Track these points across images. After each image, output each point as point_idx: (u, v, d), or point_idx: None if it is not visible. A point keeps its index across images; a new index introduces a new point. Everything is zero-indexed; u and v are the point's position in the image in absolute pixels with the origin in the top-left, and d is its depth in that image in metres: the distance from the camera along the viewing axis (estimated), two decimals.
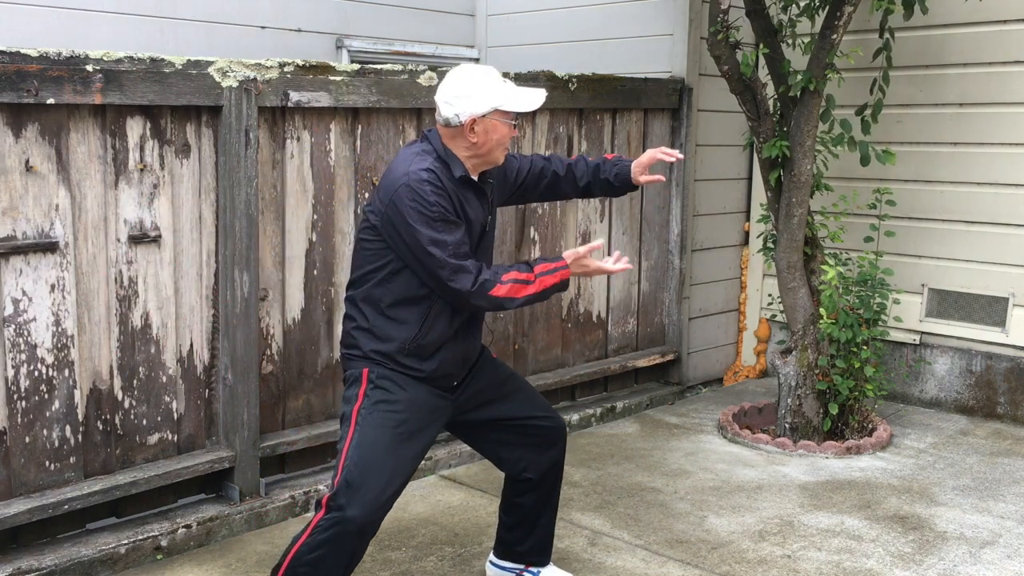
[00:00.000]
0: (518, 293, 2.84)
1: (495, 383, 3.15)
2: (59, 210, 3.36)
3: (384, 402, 2.88)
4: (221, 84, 3.64)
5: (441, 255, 2.75)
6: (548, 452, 3.20)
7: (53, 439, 3.45)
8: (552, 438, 3.20)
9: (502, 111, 2.85)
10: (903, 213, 5.35)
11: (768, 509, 4.09)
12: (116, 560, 3.49)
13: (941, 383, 5.46)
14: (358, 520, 2.73)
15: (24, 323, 3.33)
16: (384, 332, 2.90)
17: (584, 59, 5.83)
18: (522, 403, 3.18)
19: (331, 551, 2.76)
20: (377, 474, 2.77)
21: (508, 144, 2.94)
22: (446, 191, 2.81)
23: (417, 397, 2.91)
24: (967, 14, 5.12)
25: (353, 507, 2.73)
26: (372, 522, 2.78)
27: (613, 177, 3.29)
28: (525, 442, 3.17)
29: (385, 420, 2.85)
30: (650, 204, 5.54)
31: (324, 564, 2.78)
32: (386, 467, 2.79)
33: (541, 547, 3.33)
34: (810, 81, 4.55)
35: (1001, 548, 3.75)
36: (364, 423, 2.85)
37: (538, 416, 3.18)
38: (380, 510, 2.78)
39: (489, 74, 2.87)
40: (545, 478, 3.22)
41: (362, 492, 2.74)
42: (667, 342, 5.73)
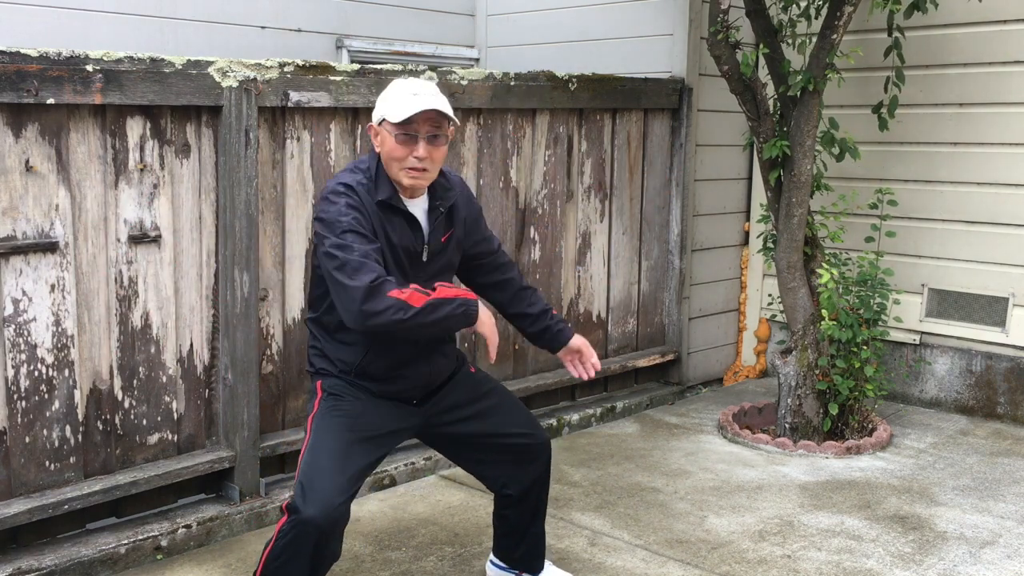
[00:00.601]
0: (417, 301, 2.62)
1: (471, 399, 3.06)
2: (59, 210, 3.36)
3: (335, 408, 2.89)
4: (221, 84, 3.64)
5: (342, 256, 2.63)
6: (528, 468, 3.14)
7: (53, 439, 3.45)
8: (531, 455, 3.13)
9: (390, 122, 2.76)
10: (903, 213, 5.35)
11: (768, 509, 4.09)
12: (116, 560, 3.49)
13: (941, 383, 5.46)
14: (314, 521, 2.69)
15: (24, 323, 3.33)
16: (334, 355, 2.93)
17: (584, 59, 5.83)
18: (499, 420, 3.09)
19: (294, 554, 2.74)
20: (329, 475, 2.75)
21: (408, 164, 2.75)
22: (363, 207, 2.74)
23: (370, 404, 2.91)
24: (967, 14, 5.12)
25: (309, 508, 2.69)
26: (330, 523, 2.71)
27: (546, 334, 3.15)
28: (503, 459, 3.12)
29: (336, 424, 2.86)
30: (650, 204, 5.54)
31: (290, 568, 2.75)
32: (339, 468, 2.77)
33: (533, 555, 3.31)
34: (810, 81, 4.55)
35: (1001, 548, 3.75)
36: (317, 429, 2.88)
37: (516, 433, 3.10)
38: (336, 510, 2.72)
39: (397, 85, 2.80)
40: (527, 494, 3.19)
41: (316, 493, 2.71)
42: (667, 342, 5.74)
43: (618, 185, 5.35)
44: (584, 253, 5.24)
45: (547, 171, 4.98)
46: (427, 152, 2.76)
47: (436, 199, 2.91)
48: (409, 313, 2.61)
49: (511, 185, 4.81)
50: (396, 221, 2.82)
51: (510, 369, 4.93)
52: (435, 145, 2.78)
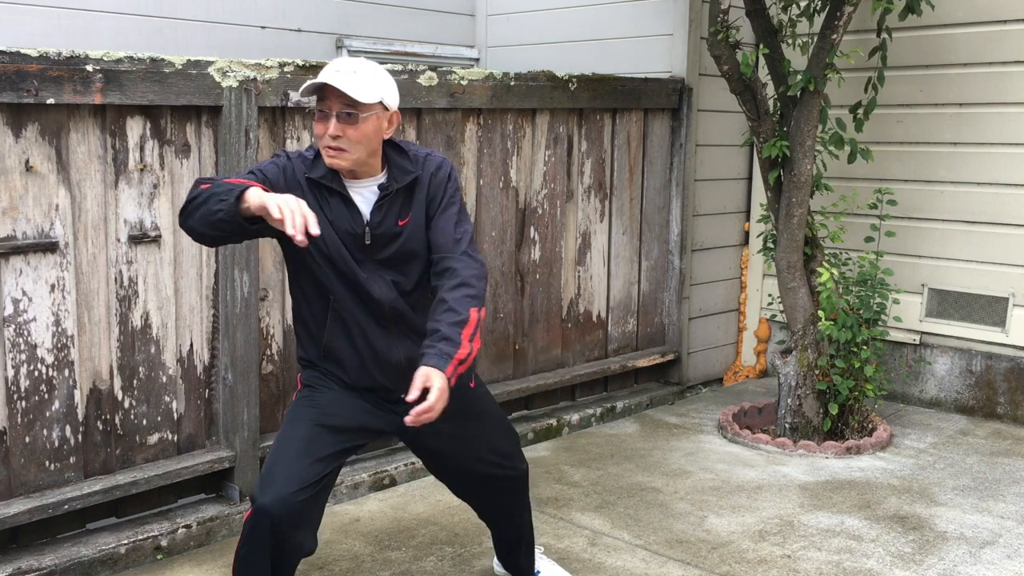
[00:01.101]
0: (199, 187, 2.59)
1: (456, 416, 2.79)
2: (59, 210, 3.36)
3: (307, 397, 2.86)
4: (221, 84, 3.64)
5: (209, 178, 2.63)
6: (497, 498, 3.10)
7: (53, 439, 3.45)
8: (502, 486, 3.07)
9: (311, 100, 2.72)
10: (903, 213, 5.34)
11: (768, 509, 4.09)
12: (116, 560, 3.49)
13: (941, 383, 5.46)
14: (267, 509, 2.61)
15: (24, 323, 3.33)
16: (302, 337, 2.91)
17: (584, 59, 5.83)
18: (477, 446, 2.98)
19: (253, 545, 2.68)
20: (288, 464, 2.69)
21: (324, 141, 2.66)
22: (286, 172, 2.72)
23: (342, 395, 2.86)
24: (967, 14, 5.12)
25: (263, 496, 2.64)
26: (285, 512, 2.62)
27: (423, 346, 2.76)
28: (473, 485, 3.09)
29: (303, 413, 2.82)
30: (650, 204, 5.54)
31: (251, 559, 2.70)
32: (297, 459, 2.70)
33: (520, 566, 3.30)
34: (810, 81, 4.55)
35: (1001, 548, 3.75)
36: (286, 419, 2.84)
37: (491, 462, 3.01)
38: (290, 500, 2.62)
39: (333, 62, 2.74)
40: (498, 523, 3.17)
41: (272, 483, 2.66)
42: (667, 342, 5.73)
43: (618, 185, 5.35)
44: (584, 253, 5.24)
45: (547, 171, 4.98)
46: (339, 130, 2.63)
47: (392, 179, 2.77)
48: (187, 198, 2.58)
49: (511, 185, 4.81)
50: (333, 202, 2.73)
51: (510, 369, 4.93)
52: (348, 123, 2.63)
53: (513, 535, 3.24)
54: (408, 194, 2.80)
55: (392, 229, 2.78)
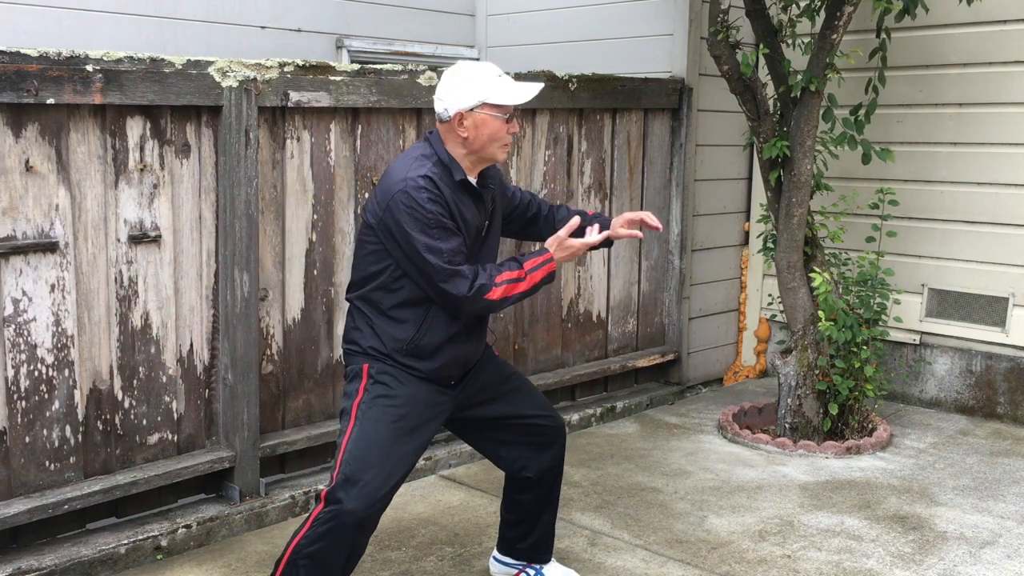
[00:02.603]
0: (510, 292, 2.88)
1: (496, 381, 3.14)
2: (59, 210, 3.36)
3: (384, 396, 2.89)
4: (221, 84, 3.64)
5: (437, 261, 2.76)
6: (546, 451, 3.20)
7: (53, 439, 3.45)
8: (551, 438, 3.20)
9: (491, 104, 2.83)
10: (903, 213, 5.34)
11: (768, 509, 4.09)
12: (116, 560, 3.49)
13: (941, 383, 5.46)
14: (357, 513, 2.74)
15: (24, 323, 3.33)
16: (383, 331, 2.92)
17: (584, 59, 5.83)
18: (521, 402, 3.17)
19: (330, 544, 2.77)
20: (376, 468, 2.78)
21: (506, 141, 2.90)
22: (443, 198, 2.81)
23: (417, 392, 2.92)
24: (967, 14, 5.12)
25: (351, 500, 2.74)
26: (370, 515, 2.78)
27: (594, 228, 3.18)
28: (523, 440, 3.17)
29: (384, 414, 2.86)
30: (650, 204, 5.54)
31: (324, 557, 2.78)
32: (385, 461, 2.80)
33: (542, 544, 3.34)
34: (810, 81, 4.55)
35: (1001, 548, 3.75)
36: (364, 417, 2.86)
37: (537, 415, 3.18)
38: (378, 503, 2.79)
39: (482, 68, 2.87)
40: (544, 477, 3.23)
41: (360, 485, 2.75)
42: (667, 342, 5.73)
43: (618, 185, 5.35)
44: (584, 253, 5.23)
45: (547, 171, 4.98)
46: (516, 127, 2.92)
47: (485, 177, 2.99)
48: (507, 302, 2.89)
49: None
50: (466, 200, 2.89)
51: None
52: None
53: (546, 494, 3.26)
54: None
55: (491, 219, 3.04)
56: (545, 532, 3.33)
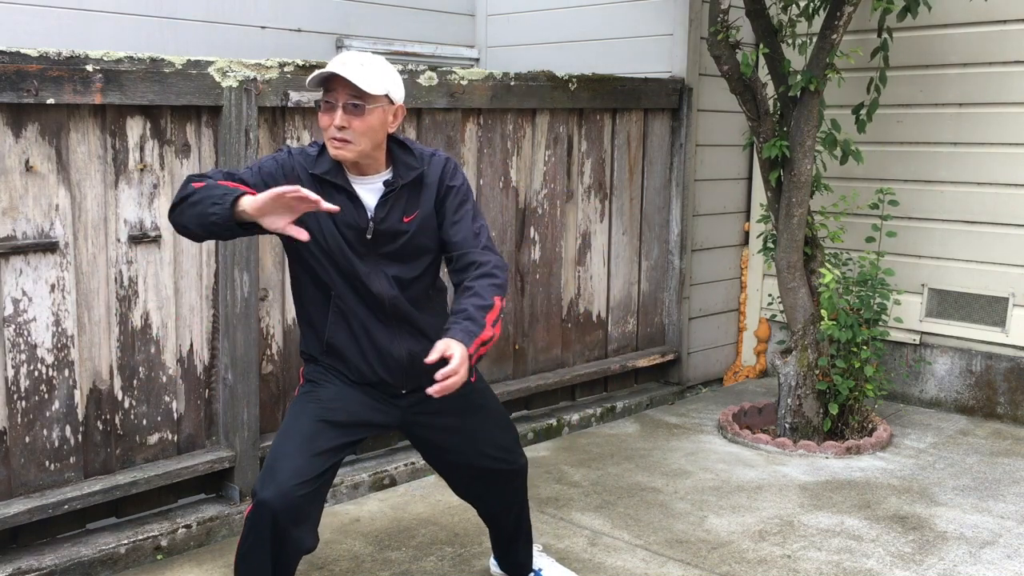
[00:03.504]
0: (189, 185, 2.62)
1: (456, 410, 2.91)
2: (59, 210, 3.36)
3: (309, 392, 2.87)
4: (221, 84, 3.64)
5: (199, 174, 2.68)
6: (496, 492, 3.11)
7: (53, 439, 3.45)
8: (501, 480, 3.08)
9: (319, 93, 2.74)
10: (903, 213, 5.34)
11: (768, 509, 4.09)
12: (116, 560, 3.49)
13: (941, 383, 5.46)
14: (271, 504, 2.63)
15: (24, 323, 3.33)
16: (305, 332, 2.92)
17: (584, 59, 5.83)
18: (477, 439, 3.00)
19: (255, 540, 2.69)
20: (289, 458, 2.70)
21: (329, 133, 2.67)
22: (287, 169, 2.74)
23: (345, 390, 2.87)
24: (967, 14, 5.12)
25: (265, 491, 2.65)
26: (285, 507, 2.63)
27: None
28: (472, 479, 3.10)
29: (306, 409, 2.83)
30: (650, 204, 5.54)
31: (252, 554, 2.70)
32: (300, 452, 2.71)
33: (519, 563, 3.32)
34: (810, 81, 4.55)
35: (1001, 548, 3.75)
36: (289, 414, 2.86)
37: (491, 456, 3.02)
38: (291, 494, 2.64)
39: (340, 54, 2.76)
40: (496, 516, 3.18)
41: (273, 477, 2.67)
42: (667, 342, 5.73)
43: (618, 185, 5.35)
44: (584, 253, 5.24)
45: (547, 171, 4.98)
46: (345, 121, 2.64)
47: (397, 175, 2.78)
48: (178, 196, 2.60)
49: (511, 185, 4.81)
50: (338, 197, 2.73)
51: (510, 369, 4.93)
52: (354, 115, 2.64)
53: (512, 532, 3.24)
54: (415, 190, 2.81)
55: (397, 225, 2.79)
56: (519, 558, 3.30)
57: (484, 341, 2.64)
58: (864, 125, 4.83)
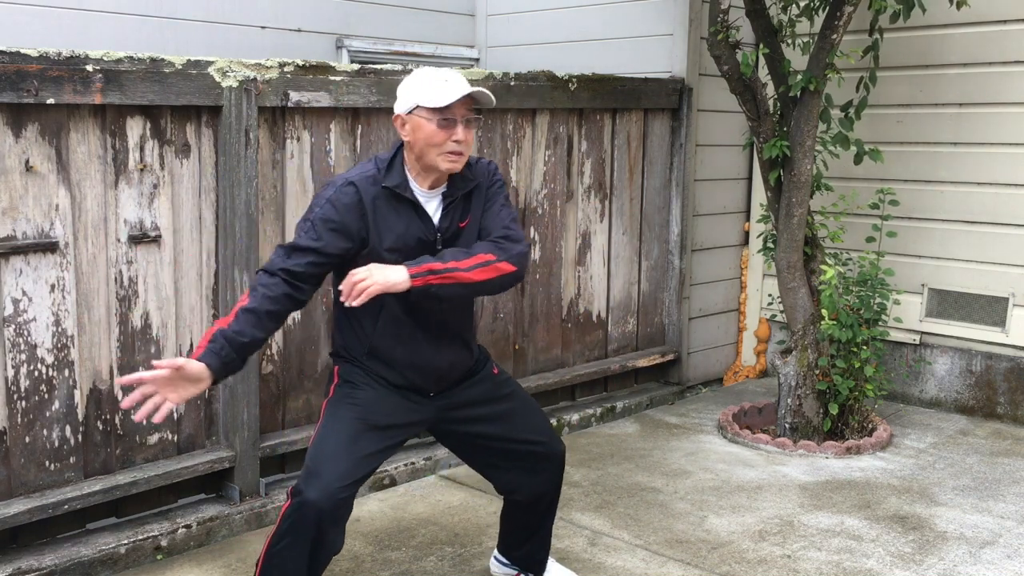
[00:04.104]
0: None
1: (488, 399, 3.06)
2: (59, 210, 3.36)
3: (348, 395, 2.91)
4: (221, 84, 3.64)
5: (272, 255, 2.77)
6: (537, 477, 3.13)
7: (53, 439, 3.45)
8: (543, 464, 3.12)
9: (426, 108, 2.78)
10: (903, 213, 5.34)
11: (768, 509, 4.09)
12: (116, 560, 3.49)
13: (941, 383, 5.46)
14: (315, 504, 2.70)
15: (24, 323, 3.33)
16: (348, 334, 2.94)
17: (584, 59, 5.83)
18: (514, 425, 3.07)
19: (294, 539, 2.75)
20: (334, 461, 2.77)
21: (448, 148, 2.78)
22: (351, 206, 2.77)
23: (383, 393, 2.92)
24: (967, 14, 5.11)
25: (311, 491, 2.71)
26: (330, 508, 2.72)
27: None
28: (513, 465, 3.11)
29: (349, 411, 2.87)
30: (650, 204, 5.54)
31: (289, 552, 2.76)
32: (345, 455, 2.79)
33: (535, 558, 3.33)
34: (810, 81, 4.55)
35: (1001, 548, 3.75)
36: (329, 415, 2.90)
37: (531, 440, 3.08)
38: (337, 496, 2.73)
39: (424, 73, 2.83)
40: (537, 501, 3.19)
41: (319, 477, 2.73)
42: (667, 342, 5.73)
43: (618, 185, 5.35)
44: (584, 253, 5.24)
45: (547, 171, 4.98)
46: (465, 135, 2.80)
47: (455, 187, 2.90)
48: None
49: (511, 185, 4.81)
50: (404, 209, 2.84)
51: (510, 369, 4.93)
52: (470, 128, 2.82)
53: (538, 520, 3.25)
54: (466, 199, 2.93)
55: (454, 232, 2.92)
56: (537, 548, 3.31)
57: (433, 270, 2.72)
58: (851, 123, 4.82)
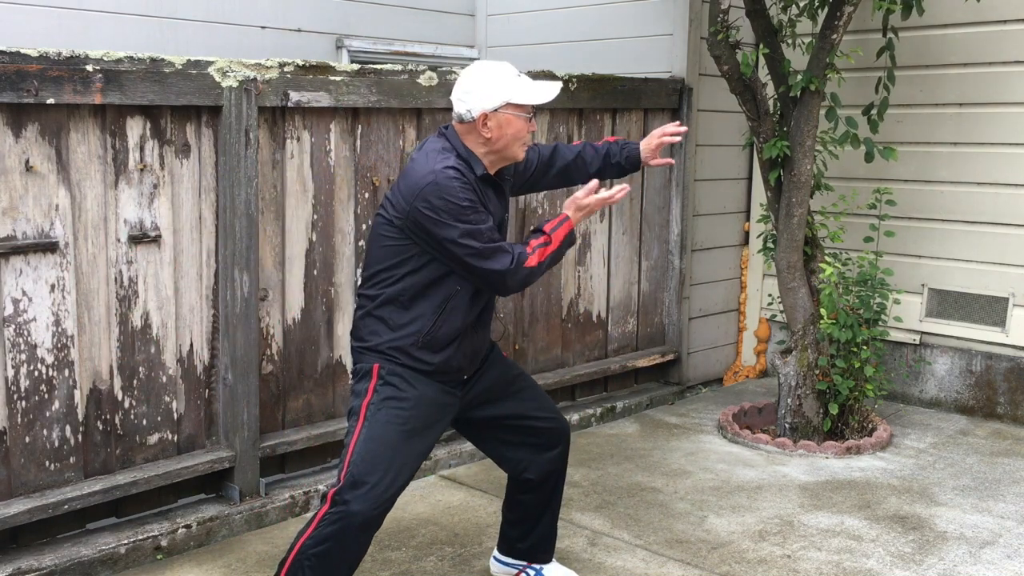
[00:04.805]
0: (544, 255, 2.90)
1: (503, 381, 3.16)
2: (59, 210, 3.36)
3: (393, 399, 2.88)
4: (221, 84, 3.64)
5: (478, 244, 2.79)
6: (548, 453, 3.20)
7: (53, 439, 3.45)
8: (554, 440, 3.21)
9: (514, 104, 2.85)
10: (903, 213, 5.35)
11: (768, 509, 4.09)
12: (116, 560, 3.49)
13: (941, 383, 5.46)
14: (362, 514, 2.76)
15: (24, 323, 3.33)
16: (399, 324, 2.90)
17: (584, 59, 5.83)
18: (526, 403, 3.18)
19: (336, 545, 2.79)
20: (382, 470, 2.80)
21: (527, 139, 2.95)
22: (471, 186, 2.84)
23: (425, 394, 2.92)
24: (967, 14, 5.12)
25: (358, 502, 2.76)
26: (376, 516, 2.81)
27: (624, 160, 3.36)
28: (525, 442, 3.18)
29: (393, 417, 2.87)
30: (650, 204, 5.54)
31: (329, 557, 2.79)
32: (392, 463, 2.82)
33: (543, 544, 3.35)
34: (810, 81, 4.55)
35: (1001, 548, 3.75)
36: (372, 419, 2.86)
37: (541, 417, 3.19)
38: (384, 505, 2.81)
39: (502, 68, 2.88)
40: (546, 479, 3.23)
41: (367, 488, 2.77)
42: (667, 342, 5.73)
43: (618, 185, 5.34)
44: (584, 253, 5.24)
45: None
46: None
47: (505, 171, 3.03)
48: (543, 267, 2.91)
49: None
50: (490, 194, 2.93)
51: None
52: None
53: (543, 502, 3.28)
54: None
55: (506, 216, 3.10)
56: (546, 532, 3.34)
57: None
58: (876, 126, 4.82)
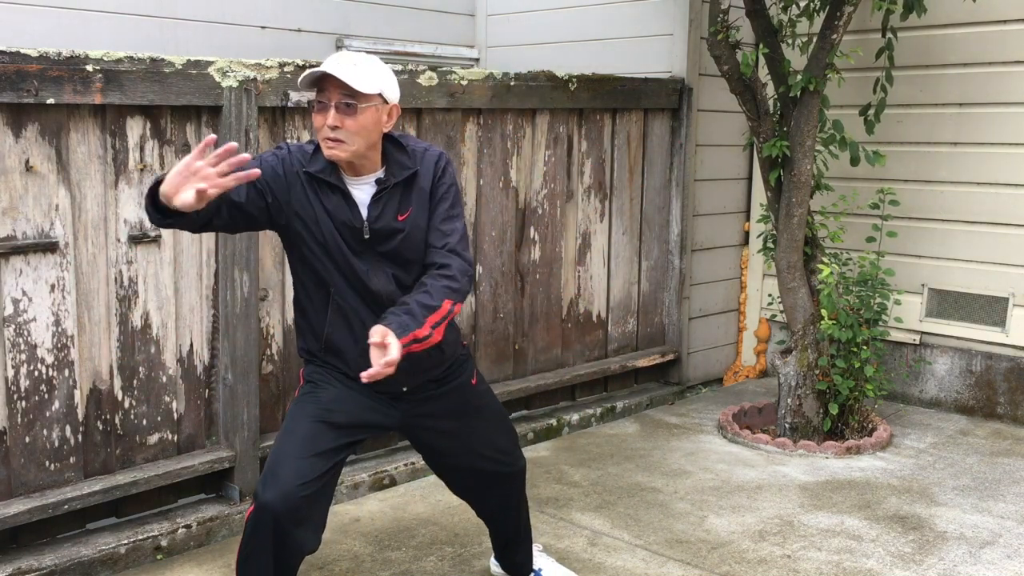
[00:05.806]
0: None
1: (455, 413, 2.97)
2: (59, 210, 3.36)
3: (309, 394, 2.86)
4: (221, 84, 3.64)
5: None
6: (491, 493, 3.11)
7: (53, 439, 3.45)
8: (498, 482, 3.09)
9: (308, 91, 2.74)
10: (903, 213, 5.34)
11: (768, 509, 4.09)
12: (116, 560, 3.49)
13: (941, 383, 5.46)
14: (271, 506, 2.62)
15: (24, 323, 3.33)
16: (305, 332, 2.90)
17: (584, 59, 5.83)
18: (475, 442, 3.01)
19: (255, 544, 2.68)
20: (291, 460, 2.69)
21: (325, 134, 2.64)
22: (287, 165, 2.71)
23: (345, 390, 2.85)
24: (967, 14, 5.12)
25: (267, 493, 2.64)
26: (287, 509, 2.63)
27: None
28: (467, 482, 3.11)
29: (306, 410, 2.81)
30: (650, 204, 5.54)
31: (253, 558, 2.70)
32: (301, 454, 2.71)
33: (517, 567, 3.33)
34: (810, 81, 4.55)
35: (1001, 548, 3.75)
36: (289, 415, 2.84)
37: (488, 457, 3.04)
38: (294, 499, 2.64)
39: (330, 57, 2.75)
40: (496, 519, 3.19)
41: (275, 478, 2.66)
42: (667, 342, 5.73)
43: (618, 185, 5.35)
44: (584, 253, 5.24)
45: (547, 171, 4.98)
46: (338, 120, 2.62)
47: (387, 174, 2.76)
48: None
49: (511, 185, 4.81)
50: (331, 195, 2.72)
51: (510, 369, 4.93)
52: (347, 114, 2.62)
53: (511, 532, 3.25)
54: (408, 189, 2.79)
55: (392, 224, 2.77)
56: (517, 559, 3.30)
57: (418, 339, 2.61)
58: (872, 127, 4.83)
